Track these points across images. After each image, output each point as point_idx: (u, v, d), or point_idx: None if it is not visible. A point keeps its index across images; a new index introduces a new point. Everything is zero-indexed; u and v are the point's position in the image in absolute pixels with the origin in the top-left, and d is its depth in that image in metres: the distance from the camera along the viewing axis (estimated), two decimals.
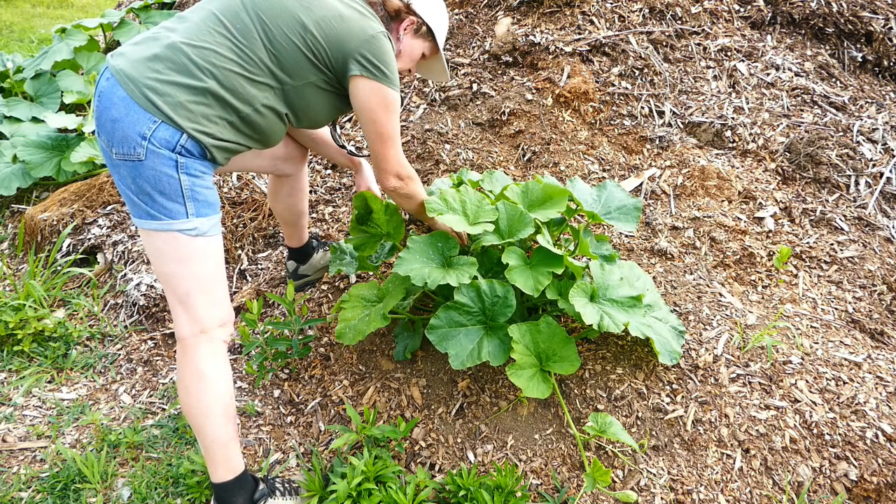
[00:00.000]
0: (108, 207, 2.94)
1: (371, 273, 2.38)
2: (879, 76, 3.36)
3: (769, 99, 3.02)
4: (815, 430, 1.77)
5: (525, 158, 2.78)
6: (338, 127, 2.05)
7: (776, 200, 2.60)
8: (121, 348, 2.44)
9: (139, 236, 2.78)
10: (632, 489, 1.71)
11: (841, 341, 2.06)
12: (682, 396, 1.87)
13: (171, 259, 1.49)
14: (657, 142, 2.85)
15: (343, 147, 2.04)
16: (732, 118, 2.89)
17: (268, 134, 1.60)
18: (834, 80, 3.20)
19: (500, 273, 1.84)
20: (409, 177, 1.78)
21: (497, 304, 1.77)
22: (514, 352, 1.69)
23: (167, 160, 1.41)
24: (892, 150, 2.80)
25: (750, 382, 1.89)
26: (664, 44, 3.18)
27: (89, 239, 2.80)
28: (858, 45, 3.38)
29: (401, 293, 1.84)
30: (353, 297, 1.96)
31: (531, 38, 3.15)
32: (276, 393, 2.17)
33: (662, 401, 1.87)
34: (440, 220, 1.79)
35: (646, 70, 3.05)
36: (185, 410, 1.55)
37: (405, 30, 1.75)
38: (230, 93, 1.47)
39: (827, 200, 2.63)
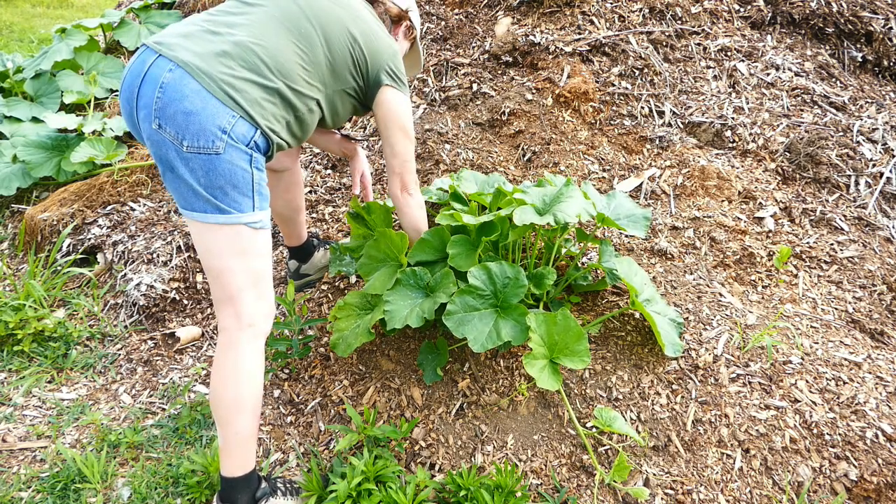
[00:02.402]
0: (108, 207, 2.94)
1: None
2: (879, 76, 3.36)
3: (769, 99, 3.02)
4: (815, 430, 1.77)
5: (525, 158, 2.78)
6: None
7: (776, 200, 2.60)
8: (121, 348, 2.44)
9: (139, 236, 2.78)
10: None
11: (841, 341, 2.06)
12: (682, 396, 1.87)
13: (231, 253, 1.50)
14: (657, 142, 2.85)
15: (338, 131, 2.15)
16: (732, 118, 2.89)
17: (308, 133, 1.70)
18: (834, 80, 3.20)
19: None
20: (414, 184, 1.92)
21: (508, 286, 1.78)
22: (531, 341, 1.70)
23: (243, 154, 1.45)
24: (892, 150, 2.80)
25: (750, 382, 1.89)
26: (664, 44, 3.18)
27: (89, 239, 2.80)
28: (858, 45, 3.38)
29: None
30: (347, 305, 1.97)
31: (531, 38, 3.15)
32: (276, 393, 2.17)
33: (662, 401, 1.87)
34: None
35: (646, 70, 3.06)
36: (214, 401, 1.55)
37: (402, 32, 1.95)
38: (294, 94, 1.56)
39: (827, 200, 2.63)
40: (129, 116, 1.51)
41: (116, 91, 3.84)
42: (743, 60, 3.18)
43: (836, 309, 2.24)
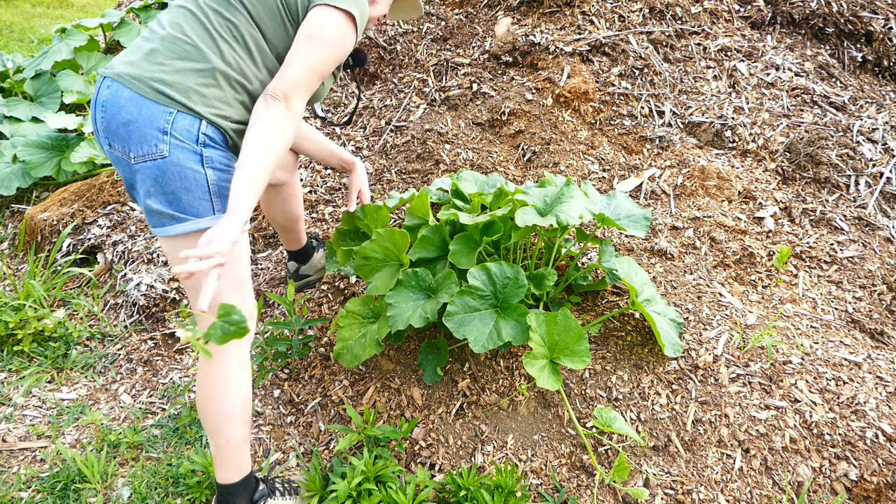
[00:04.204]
0: (108, 207, 2.94)
1: None
2: (879, 76, 3.36)
3: (769, 99, 3.02)
4: (815, 430, 1.77)
5: (525, 158, 2.78)
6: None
7: (776, 200, 2.60)
8: (121, 348, 2.44)
9: (139, 236, 2.78)
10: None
11: (841, 341, 2.06)
12: (682, 396, 1.87)
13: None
14: (657, 142, 2.85)
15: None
16: (732, 118, 2.89)
17: None
18: (834, 80, 3.20)
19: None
20: (298, 111, 1.45)
21: (508, 286, 1.78)
22: (531, 340, 1.70)
23: (192, 154, 1.38)
24: (892, 150, 2.80)
25: (750, 382, 1.89)
26: (664, 44, 3.18)
27: (89, 239, 2.80)
28: (858, 45, 3.38)
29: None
30: (350, 313, 1.95)
31: (531, 38, 3.15)
32: (276, 393, 2.17)
33: (662, 401, 1.87)
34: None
35: (646, 70, 3.05)
36: (202, 409, 1.54)
37: None
38: (233, 69, 1.44)
39: (827, 200, 2.63)
40: (100, 144, 1.49)
41: None
42: (743, 60, 3.18)
43: (836, 309, 2.24)
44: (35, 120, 3.57)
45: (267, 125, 1.39)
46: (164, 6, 4.51)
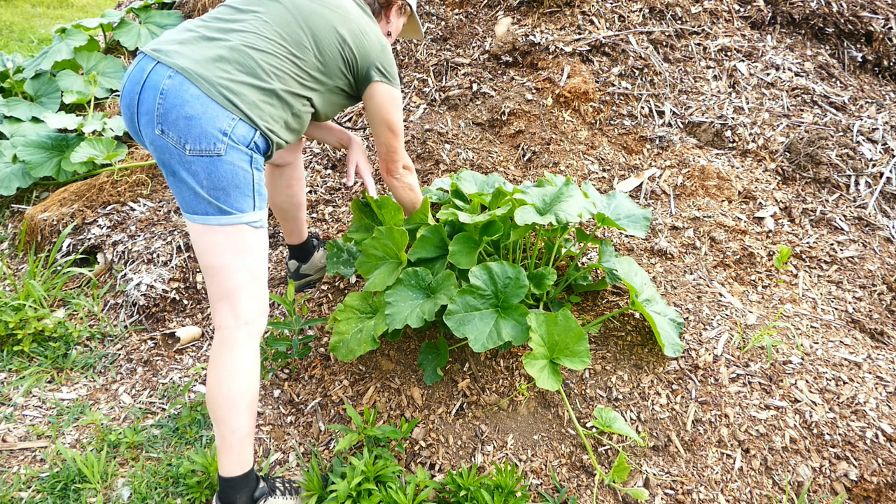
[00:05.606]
0: (108, 207, 2.94)
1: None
2: (879, 76, 3.36)
3: (769, 99, 3.02)
4: (815, 430, 1.77)
5: (525, 158, 2.78)
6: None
7: (776, 200, 2.60)
8: (121, 348, 2.44)
9: (139, 236, 2.78)
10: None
11: (841, 341, 2.06)
12: (682, 396, 1.87)
13: (230, 252, 1.53)
14: (657, 142, 2.85)
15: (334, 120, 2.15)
16: (732, 118, 2.89)
17: (304, 128, 1.76)
18: (834, 80, 3.20)
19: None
20: (412, 168, 2.03)
21: (509, 286, 1.78)
22: (531, 341, 1.70)
23: (244, 155, 1.51)
24: (892, 150, 2.80)
25: (750, 382, 1.89)
26: (664, 44, 3.18)
27: (89, 239, 2.80)
28: (858, 45, 3.38)
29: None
30: (348, 307, 1.96)
31: (531, 38, 3.15)
32: (276, 393, 2.17)
33: (662, 401, 1.87)
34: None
35: (646, 70, 3.06)
36: (210, 399, 1.57)
37: (394, 13, 1.97)
38: (289, 94, 1.61)
39: (827, 200, 2.63)
40: (131, 123, 1.54)
41: (116, 91, 3.84)
42: (743, 60, 3.18)
43: (836, 309, 2.24)
44: (35, 120, 3.57)
45: (408, 190, 2.04)
46: (163, 6, 4.50)
